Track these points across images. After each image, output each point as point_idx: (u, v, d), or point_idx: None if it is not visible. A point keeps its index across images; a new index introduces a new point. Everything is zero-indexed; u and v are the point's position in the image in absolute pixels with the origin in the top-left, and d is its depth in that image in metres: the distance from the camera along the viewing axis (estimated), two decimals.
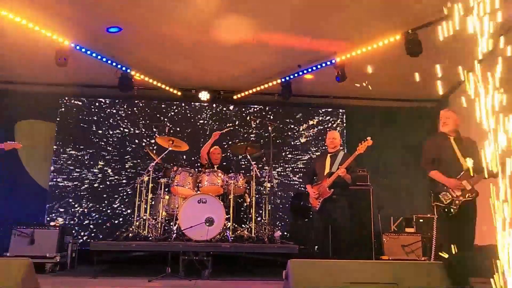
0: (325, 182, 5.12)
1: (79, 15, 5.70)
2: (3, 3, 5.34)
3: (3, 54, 6.25)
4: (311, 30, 5.97)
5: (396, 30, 5.79)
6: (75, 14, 5.66)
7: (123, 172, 7.42)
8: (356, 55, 6.25)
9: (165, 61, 6.84)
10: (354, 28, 5.84)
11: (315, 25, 5.86)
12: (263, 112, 7.90)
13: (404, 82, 7.19)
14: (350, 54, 6.29)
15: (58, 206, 7.17)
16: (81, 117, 7.55)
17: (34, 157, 7.25)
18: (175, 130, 7.62)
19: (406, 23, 5.64)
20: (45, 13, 5.58)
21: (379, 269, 2.83)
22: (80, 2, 5.43)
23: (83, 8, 5.53)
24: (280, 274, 5.43)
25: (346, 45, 6.21)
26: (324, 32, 5.97)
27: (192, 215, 5.29)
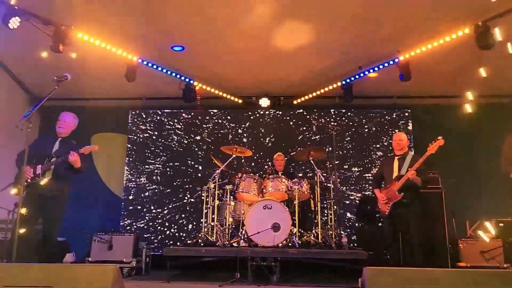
0: (394, 186, 4.96)
1: (147, 34, 6.05)
2: (80, 27, 5.78)
3: (80, 73, 6.73)
4: (371, 30, 5.84)
5: (465, 23, 5.48)
6: (143, 33, 6.02)
7: (189, 179, 7.67)
8: (420, 52, 6.01)
9: (226, 70, 7.02)
10: (417, 24, 5.63)
11: (375, 24, 5.73)
12: (326, 116, 7.81)
13: (474, 78, 6.80)
14: (414, 51, 6.05)
15: (131, 213, 7.57)
16: (149, 128, 7.93)
17: (109, 168, 7.73)
18: (238, 137, 7.76)
19: (475, 14, 5.33)
20: (116, 33, 5.98)
21: (460, 277, 2.67)
22: (147, 24, 5.77)
23: (150, 28, 5.89)
24: (349, 280, 5.37)
25: (409, 42, 5.99)
26: (385, 30, 5.81)
27: (258, 221, 5.35)
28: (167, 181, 7.70)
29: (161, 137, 7.89)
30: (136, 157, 7.80)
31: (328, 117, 7.80)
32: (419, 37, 5.86)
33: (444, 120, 7.31)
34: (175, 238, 7.35)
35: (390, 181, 5.09)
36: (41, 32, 5.57)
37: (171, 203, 7.59)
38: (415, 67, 6.16)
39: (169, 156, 7.80)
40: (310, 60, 6.69)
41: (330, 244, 5.45)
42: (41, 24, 5.59)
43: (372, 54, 6.38)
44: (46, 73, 5.57)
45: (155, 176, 7.73)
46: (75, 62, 6.37)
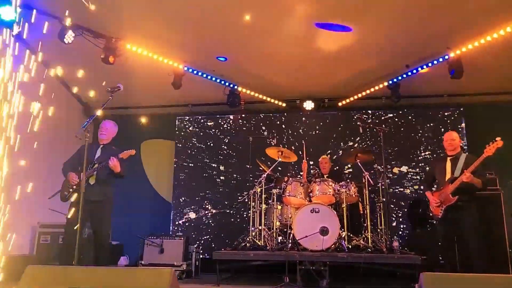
0: (448, 189, 4.75)
1: (193, 44, 6.22)
2: (130, 38, 6.03)
3: (130, 83, 6.99)
4: (418, 27, 5.67)
5: None
6: (189, 44, 6.19)
7: (236, 183, 7.75)
8: (473, 48, 5.74)
9: (269, 75, 7.05)
10: (468, 18, 5.39)
11: (423, 21, 5.55)
12: (372, 117, 7.64)
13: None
14: (466, 47, 5.79)
15: (180, 217, 7.75)
16: (195, 133, 8.10)
17: (158, 173, 7.96)
18: (283, 141, 7.75)
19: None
20: (163, 43, 6.19)
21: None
22: (193, 35, 5.95)
23: (196, 40, 6.07)
24: (400, 285, 5.21)
25: (461, 37, 5.75)
26: (435, 26, 5.62)
27: (306, 224, 5.32)
28: (214, 185, 7.81)
29: (207, 142, 8.03)
30: (184, 162, 7.99)
31: (374, 118, 7.62)
32: (472, 31, 5.61)
33: (499, 118, 6.94)
34: (224, 242, 7.44)
35: (443, 184, 4.89)
36: (93, 45, 5.86)
37: (219, 207, 7.69)
38: (468, 63, 5.90)
39: (215, 160, 7.92)
40: (354, 61, 6.59)
41: (381, 248, 5.32)
42: (93, 37, 5.88)
43: (420, 52, 6.19)
44: (98, 84, 5.87)
45: (202, 180, 7.87)
46: (125, 72, 6.65)
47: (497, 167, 6.06)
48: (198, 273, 6.64)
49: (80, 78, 7.18)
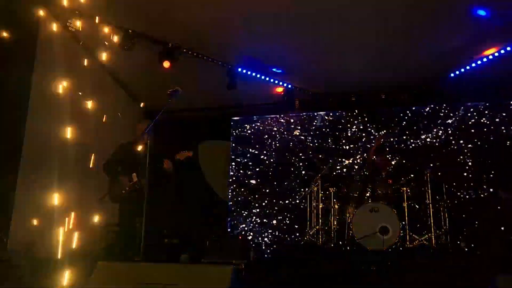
0: None
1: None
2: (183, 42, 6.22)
3: (184, 83, 7.20)
4: None
5: None
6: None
7: (293, 183, 7.72)
8: None
9: (321, 72, 6.97)
10: None
11: None
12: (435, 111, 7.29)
13: None
14: None
15: (238, 216, 7.87)
16: (251, 133, 8.19)
17: (215, 174, 8.13)
18: (340, 140, 7.61)
19: None
20: (215, 45, 6.32)
21: None
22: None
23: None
24: None
25: None
26: None
27: (365, 224, 5.22)
28: (271, 184, 7.85)
29: (262, 142, 8.08)
30: (240, 162, 8.10)
31: (435, 112, 7.27)
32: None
33: None
34: (282, 241, 7.45)
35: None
36: (151, 51, 6.11)
37: (276, 206, 7.71)
38: None
39: (271, 160, 7.95)
40: (407, 57, 6.35)
41: (446, 248, 5.08)
42: (151, 43, 6.13)
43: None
44: (157, 88, 6.10)
45: (259, 180, 7.93)
46: (181, 75, 6.86)
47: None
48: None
49: (141, 82, 7.59)
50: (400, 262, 4.92)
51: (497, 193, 4.69)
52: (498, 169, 6.48)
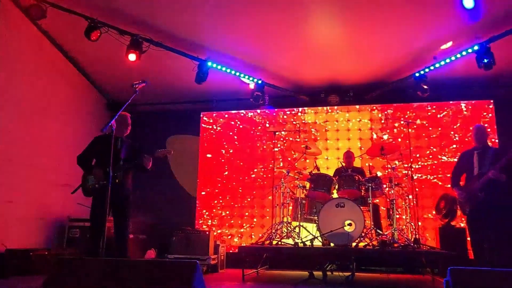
0: (475, 184, 4.63)
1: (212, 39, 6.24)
2: (152, 34, 6.11)
3: (154, 77, 7.10)
4: (448, 14, 5.51)
5: None
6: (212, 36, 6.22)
7: (260, 178, 7.76)
8: (505, 36, 5.53)
9: (294, 68, 7.01)
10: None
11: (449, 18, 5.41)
12: (399, 110, 7.49)
13: None
14: (497, 36, 5.58)
15: (205, 212, 7.83)
16: (220, 128, 8.16)
17: (183, 168, 8.06)
18: (308, 135, 7.71)
19: None
20: (186, 38, 6.25)
21: None
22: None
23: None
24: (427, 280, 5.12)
25: (491, 26, 5.56)
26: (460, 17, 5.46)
27: (331, 219, 5.26)
28: (239, 180, 7.86)
29: (231, 137, 8.07)
30: (208, 157, 8.06)
31: (401, 110, 7.48)
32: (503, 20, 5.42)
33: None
34: (250, 237, 7.48)
35: (470, 178, 4.76)
36: (118, 42, 5.97)
37: (243, 202, 7.74)
38: (498, 54, 5.69)
39: (240, 155, 7.95)
40: (379, 54, 6.49)
41: (408, 243, 5.22)
42: (118, 34, 5.99)
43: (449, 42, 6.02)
44: (123, 80, 5.99)
45: (227, 175, 7.92)
46: (150, 68, 6.75)
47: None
48: (223, 268, 6.70)
49: (106, 74, 7.43)
50: (363, 257, 5.07)
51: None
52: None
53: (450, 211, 6.05)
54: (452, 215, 6.04)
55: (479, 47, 5.71)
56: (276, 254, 5.57)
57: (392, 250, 5.06)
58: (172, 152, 4.89)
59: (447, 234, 6.06)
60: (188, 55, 6.45)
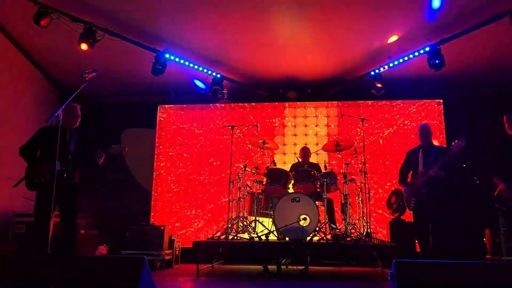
0: (419, 180, 4.83)
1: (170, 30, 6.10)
2: (106, 22, 5.90)
3: (109, 68, 6.87)
4: (399, 17, 5.69)
5: (500, 8, 5.25)
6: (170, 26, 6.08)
7: (217, 173, 7.71)
8: (453, 39, 5.79)
9: (253, 63, 7.00)
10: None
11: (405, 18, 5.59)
12: (355, 108, 7.66)
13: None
14: (446, 40, 5.83)
15: (161, 207, 7.70)
16: (177, 122, 8.02)
17: (139, 163, 7.86)
18: (266, 130, 7.73)
19: None
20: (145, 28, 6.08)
21: (498, 272, 2.55)
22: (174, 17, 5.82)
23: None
24: (379, 272, 5.30)
25: (440, 30, 5.79)
26: (415, 19, 5.65)
27: (287, 214, 5.30)
28: (195, 175, 7.77)
29: (189, 131, 7.96)
30: (165, 151, 7.92)
31: (357, 108, 7.65)
32: (453, 23, 5.66)
33: (477, 111, 7.03)
34: (206, 232, 7.42)
35: (415, 175, 4.96)
36: (71, 29, 5.72)
37: (200, 197, 7.67)
38: (448, 55, 5.94)
39: (197, 150, 7.87)
40: (337, 51, 6.60)
41: (360, 237, 5.36)
42: (71, 21, 5.74)
43: (403, 42, 6.21)
44: (75, 69, 5.74)
45: (183, 170, 7.82)
46: (104, 58, 6.53)
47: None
48: (178, 263, 6.62)
49: (58, 63, 7.11)
50: (317, 250, 5.15)
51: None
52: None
53: (400, 206, 6.26)
54: (402, 209, 6.25)
55: (430, 48, 5.95)
56: (232, 249, 5.56)
57: (344, 244, 5.17)
58: (126, 149, 4.79)
59: (397, 228, 6.28)
60: (145, 46, 6.30)
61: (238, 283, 4.69)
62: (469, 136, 4.59)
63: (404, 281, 2.42)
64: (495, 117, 5.90)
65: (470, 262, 2.61)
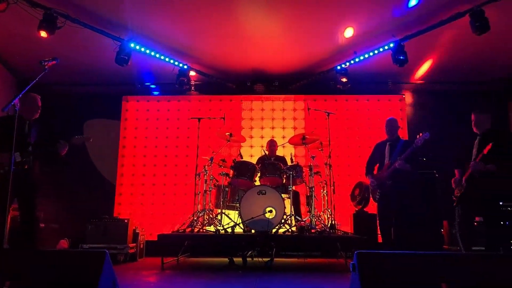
0: (385, 172, 4.96)
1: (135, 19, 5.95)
2: (69, 9, 5.67)
3: (72, 57, 6.63)
4: (365, 13, 5.78)
5: (460, 8, 5.44)
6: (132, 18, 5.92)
7: (184, 166, 7.63)
8: (417, 38, 5.95)
9: (221, 55, 6.94)
10: None
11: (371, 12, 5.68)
12: (321, 101, 7.76)
13: (470, 64, 6.83)
14: (409, 37, 5.98)
15: (125, 199, 7.55)
16: (143, 114, 7.87)
17: (102, 154, 7.66)
18: (233, 123, 7.71)
19: None
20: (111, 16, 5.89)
21: (454, 261, 2.66)
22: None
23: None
24: (342, 265, 5.42)
25: (404, 27, 5.94)
26: (380, 15, 5.76)
27: (253, 206, 5.32)
28: (161, 167, 7.66)
29: (154, 122, 7.83)
30: (130, 143, 7.76)
31: (323, 101, 7.75)
32: (416, 21, 5.81)
33: (440, 106, 7.29)
34: (171, 224, 7.34)
35: (381, 168, 5.10)
36: (30, 15, 5.47)
37: (165, 189, 7.57)
38: (411, 52, 6.10)
39: (163, 142, 7.75)
40: (305, 45, 6.64)
41: (325, 229, 5.46)
42: (29, 6, 5.48)
43: (368, 38, 6.32)
44: (34, 57, 5.48)
45: (148, 162, 7.69)
46: (66, 46, 6.30)
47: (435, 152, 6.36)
48: (142, 256, 6.53)
49: (15, 49, 6.78)
50: (282, 243, 5.21)
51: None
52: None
53: (363, 198, 6.43)
54: (366, 202, 6.42)
55: (395, 44, 6.09)
56: (197, 241, 5.54)
57: (309, 236, 5.26)
58: (91, 140, 4.65)
59: (360, 219, 6.45)
60: (109, 35, 6.10)
61: (203, 275, 4.67)
62: (430, 130, 4.73)
63: (365, 271, 2.48)
64: (455, 113, 6.17)
65: (428, 253, 2.70)
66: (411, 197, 4.91)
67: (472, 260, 2.65)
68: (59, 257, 2.57)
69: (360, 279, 2.41)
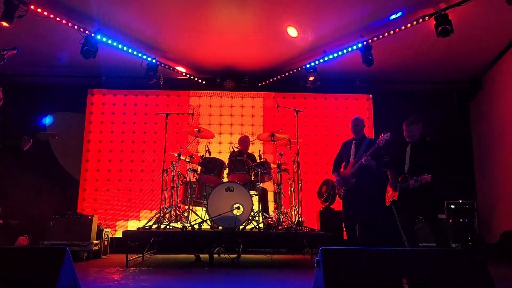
0: (350, 170, 5.06)
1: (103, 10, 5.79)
2: None
3: (34, 47, 6.38)
4: (335, 11, 5.85)
5: (425, 11, 5.60)
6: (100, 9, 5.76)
7: (150, 161, 7.52)
8: (383, 38, 6.09)
9: (190, 50, 6.86)
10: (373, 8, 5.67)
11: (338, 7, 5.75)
12: (290, 99, 7.82)
13: (433, 64, 7.06)
14: (377, 37, 6.12)
15: (89, 195, 7.36)
16: (108, 107, 7.69)
17: (66, 148, 7.43)
18: (202, 119, 7.66)
19: (435, 2, 5.46)
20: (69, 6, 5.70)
21: (416, 257, 2.74)
22: None
23: None
24: (307, 259, 5.50)
25: (372, 28, 6.06)
26: (349, 15, 5.85)
27: (221, 203, 5.32)
28: (127, 162, 7.52)
29: (121, 117, 7.66)
30: (95, 138, 7.56)
31: (292, 99, 7.82)
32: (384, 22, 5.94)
33: (405, 105, 7.48)
34: (136, 221, 7.22)
35: (347, 166, 5.19)
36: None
37: (131, 184, 7.43)
38: (378, 52, 6.22)
39: (130, 137, 7.60)
40: (275, 43, 6.66)
41: (291, 226, 5.51)
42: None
43: (336, 38, 6.41)
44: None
45: (114, 157, 7.52)
46: (29, 36, 6.06)
47: None
48: (107, 253, 6.39)
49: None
50: (249, 239, 5.22)
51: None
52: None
53: (330, 196, 6.53)
54: (332, 199, 6.52)
55: (363, 44, 6.21)
56: (164, 238, 5.47)
57: (276, 232, 5.30)
58: (56, 136, 4.50)
59: (326, 216, 6.55)
60: (74, 25, 5.91)
61: (169, 272, 4.62)
62: (395, 130, 4.85)
63: (329, 267, 2.51)
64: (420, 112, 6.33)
65: (390, 249, 2.77)
66: (374, 194, 5.01)
67: (432, 255, 2.74)
68: (16, 254, 2.48)
69: (323, 275, 2.45)
